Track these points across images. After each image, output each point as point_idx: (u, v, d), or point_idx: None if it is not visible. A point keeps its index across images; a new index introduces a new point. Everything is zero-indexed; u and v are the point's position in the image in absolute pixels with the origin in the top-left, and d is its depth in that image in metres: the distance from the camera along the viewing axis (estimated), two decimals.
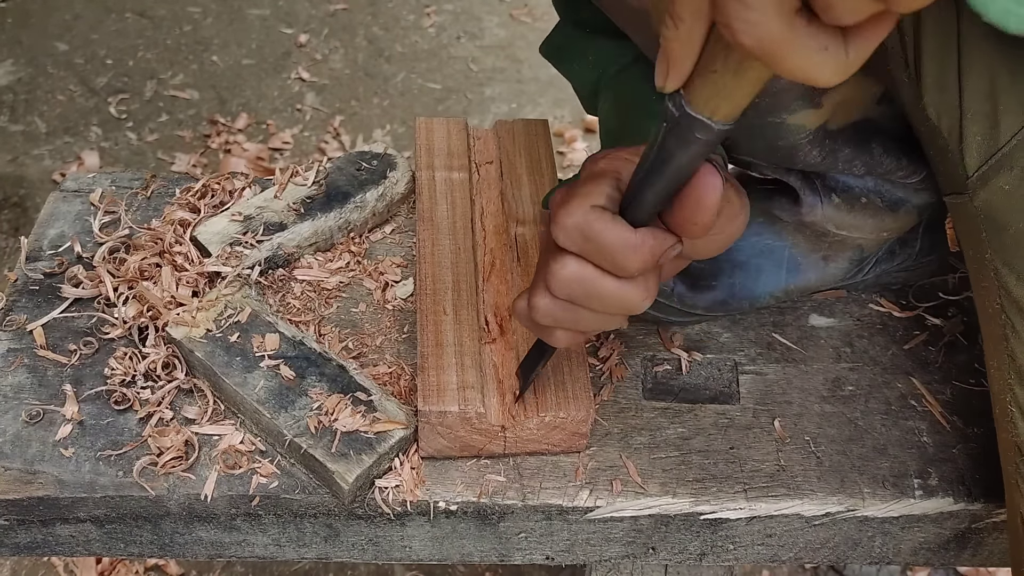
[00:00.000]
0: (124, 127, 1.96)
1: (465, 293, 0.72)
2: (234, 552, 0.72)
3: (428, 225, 0.77)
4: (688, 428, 0.72)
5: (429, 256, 0.74)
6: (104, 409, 0.71)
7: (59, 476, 0.67)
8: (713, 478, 0.69)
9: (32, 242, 0.83)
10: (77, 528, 0.69)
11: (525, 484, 0.68)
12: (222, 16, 2.24)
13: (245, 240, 0.79)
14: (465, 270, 0.73)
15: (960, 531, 0.69)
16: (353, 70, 2.13)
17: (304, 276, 0.80)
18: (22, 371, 0.74)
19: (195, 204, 0.83)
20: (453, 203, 0.79)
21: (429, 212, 0.78)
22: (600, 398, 0.73)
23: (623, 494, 0.67)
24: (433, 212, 0.78)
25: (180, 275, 0.76)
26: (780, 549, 0.70)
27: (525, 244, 0.76)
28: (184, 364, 0.73)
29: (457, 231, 0.76)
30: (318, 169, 0.85)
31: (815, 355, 0.77)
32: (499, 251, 0.76)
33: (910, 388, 0.75)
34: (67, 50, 2.12)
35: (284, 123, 1.98)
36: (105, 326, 0.76)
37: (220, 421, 0.71)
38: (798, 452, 0.70)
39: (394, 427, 0.67)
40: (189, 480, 0.67)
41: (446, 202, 0.79)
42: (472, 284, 0.72)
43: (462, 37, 2.23)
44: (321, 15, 2.26)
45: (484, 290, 0.73)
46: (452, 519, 0.68)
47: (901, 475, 0.69)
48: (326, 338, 0.75)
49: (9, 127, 1.94)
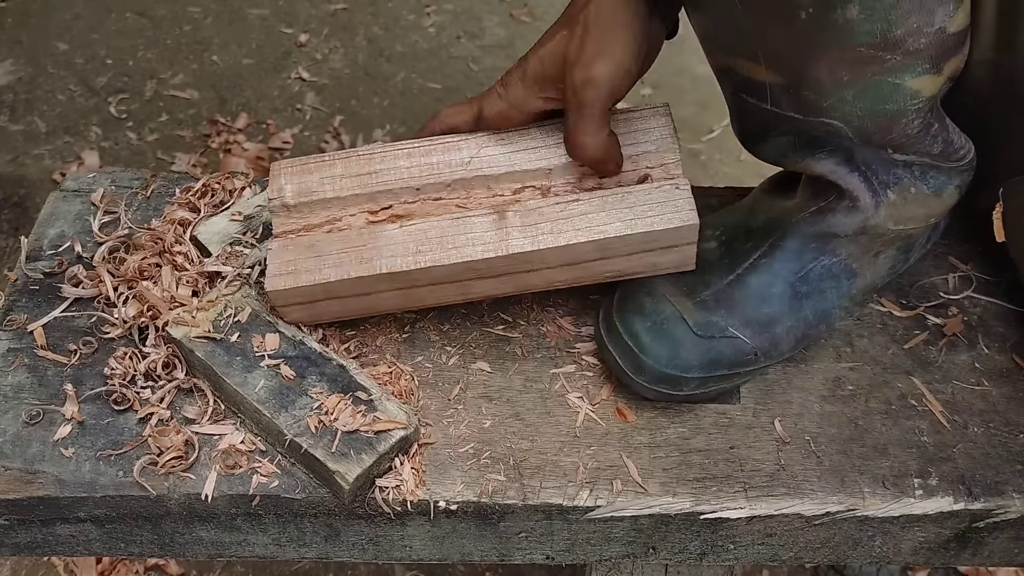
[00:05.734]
0: (124, 127, 1.96)
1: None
2: (234, 552, 0.72)
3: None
4: (688, 428, 0.72)
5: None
6: (104, 409, 0.71)
7: (59, 476, 0.67)
8: (713, 478, 0.69)
9: (32, 242, 0.83)
10: (77, 528, 0.69)
11: (525, 484, 0.68)
12: (222, 16, 2.23)
13: (245, 240, 0.79)
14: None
15: (960, 531, 0.69)
16: (353, 70, 2.13)
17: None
18: (22, 371, 0.74)
19: (195, 204, 0.83)
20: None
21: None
22: (600, 398, 0.73)
23: (623, 494, 0.67)
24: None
25: (180, 275, 0.76)
26: (780, 549, 0.70)
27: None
28: (184, 364, 0.73)
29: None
30: None
31: (815, 355, 0.77)
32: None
33: (910, 388, 0.75)
34: (67, 50, 2.12)
35: (284, 123, 1.98)
36: (105, 326, 0.76)
37: (220, 421, 0.71)
38: (798, 452, 0.70)
39: (394, 427, 0.67)
40: (189, 480, 0.67)
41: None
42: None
43: (462, 37, 2.23)
44: (321, 15, 2.26)
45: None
46: (452, 519, 0.68)
47: (901, 475, 0.69)
48: (327, 338, 0.75)
49: (9, 127, 1.94)
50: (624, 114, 0.74)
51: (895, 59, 0.61)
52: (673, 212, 0.69)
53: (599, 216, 0.69)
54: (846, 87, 0.63)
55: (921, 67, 0.62)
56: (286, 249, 0.72)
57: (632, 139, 0.73)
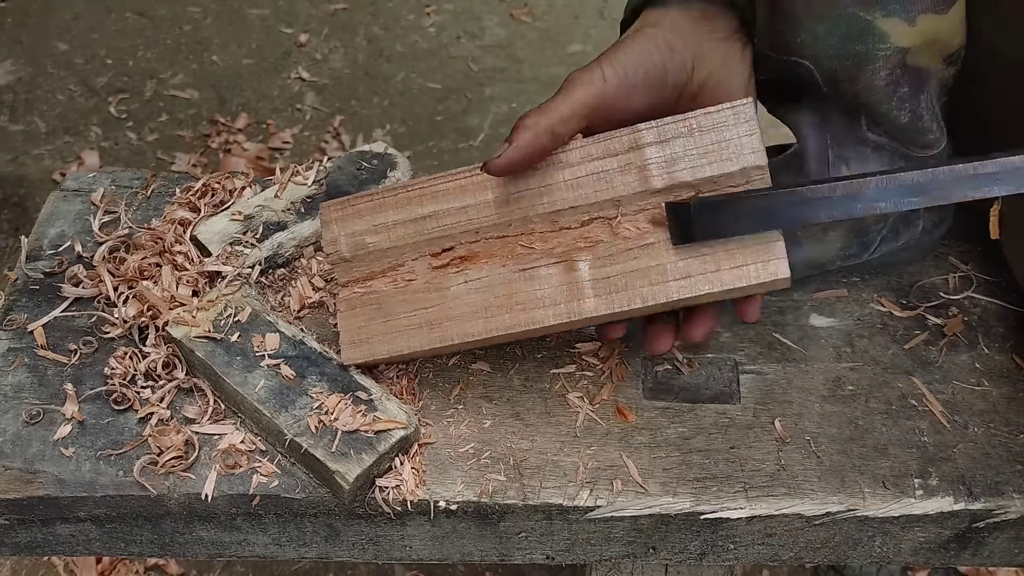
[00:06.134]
0: (124, 127, 1.96)
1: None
2: (234, 551, 0.72)
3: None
4: (688, 428, 0.72)
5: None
6: (104, 409, 0.71)
7: (59, 475, 0.67)
8: (713, 478, 0.69)
9: (32, 242, 0.83)
10: (77, 527, 0.69)
11: (525, 484, 0.68)
12: (222, 16, 2.24)
13: (245, 239, 0.79)
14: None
15: (960, 531, 0.69)
16: (353, 70, 2.13)
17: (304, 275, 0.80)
18: (22, 371, 0.74)
19: (195, 203, 0.83)
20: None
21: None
22: (600, 398, 0.73)
23: (623, 494, 0.67)
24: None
25: (180, 275, 0.76)
26: (780, 549, 0.71)
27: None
28: (184, 364, 0.73)
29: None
30: (318, 168, 0.85)
31: (815, 355, 0.77)
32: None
33: (910, 388, 0.75)
34: (67, 50, 2.12)
35: (284, 123, 1.99)
36: (105, 325, 0.76)
37: (220, 421, 0.71)
38: (798, 452, 0.70)
39: (394, 426, 0.67)
40: (189, 480, 0.67)
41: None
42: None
43: (462, 37, 2.23)
44: (321, 15, 2.26)
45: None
46: (452, 519, 0.68)
47: (901, 475, 0.69)
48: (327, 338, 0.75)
49: (9, 127, 1.94)
50: (696, 118, 0.64)
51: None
52: (761, 261, 0.62)
53: (676, 267, 0.63)
54: (819, 20, 0.65)
55: (892, 5, 0.64)
56: (353, 310, 0.70)
57: (707, 154, 0.64)
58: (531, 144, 0.63)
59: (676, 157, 0.64)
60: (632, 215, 0.65)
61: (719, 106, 0.64)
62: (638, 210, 0.65)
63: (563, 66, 2.14)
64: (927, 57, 0.68)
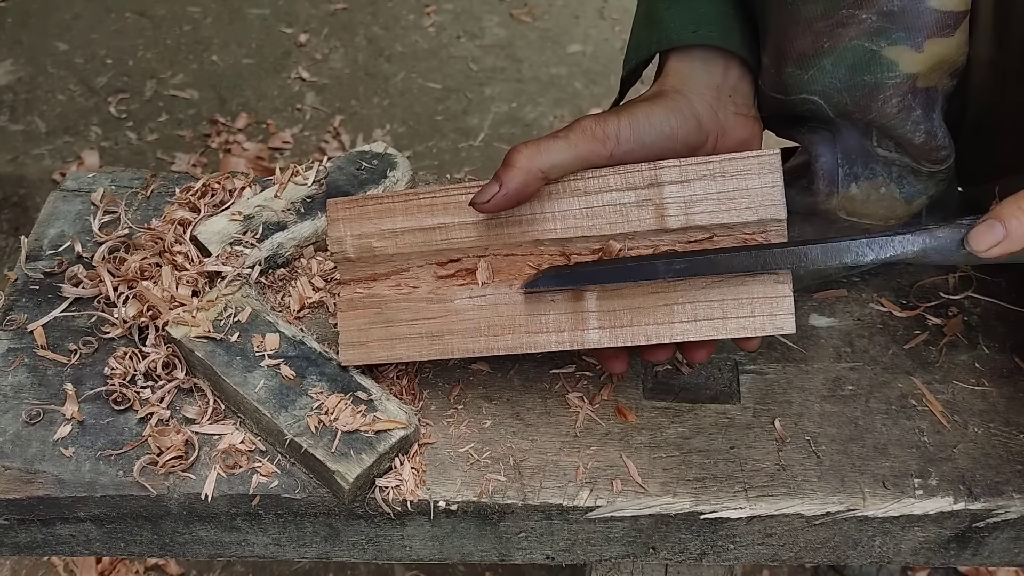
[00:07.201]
0: (124, 127, 1.96)
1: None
2: (234, 552, 0.72)
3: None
4: (688, 428, 0.72)
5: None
6: (104, 409, 0.71)
7: (59, 476, 0.67)
8: (713, 478, 0.69)
9: (32, 242, 0.83)
10: (77, 527, 0.69)
11: (525, 484, 0.68)
12: (222, 16, 2.24)
13: (245, 239, 0.79)
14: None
15: (960, 531, 0.69)
16: (353, 70, 2.13)
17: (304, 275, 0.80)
18: (22, 371, 0.74)
19: (195, 203, 0.83)
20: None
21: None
22: (600, 398, 0.73)
23: (623, 494, 0.67)
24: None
25: (180, 275, 0.76)
26: (780, 549, 0.71)
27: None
28: (184, 364, 0.73)
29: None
30: (318, 168, 0.85)
31: (815, 355, 0.77)
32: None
33: (910, 388, 0.75)
34: (67, 50, 2.12)
35: (284, 123, 1.99)
36: (105, 326, 0.76)
37: (220, 421, 0.71)
38: (798, 452, 0.70)
39: (394, 427, 0.67)
40: (189, 480, 0.67)
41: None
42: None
43: (462, 37, 2.23)
44: (321, 15, 2.26)
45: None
46: (452, 519, 0.68)
47: (901, 475, 0.69)
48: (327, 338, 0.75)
49: (9, 127, 1.94)
50: (721, 163, 0.63)
51: (870, 19, 0.63)
52: (768, 314, 0.63)
53: (683, 309, 0.63)
54: (825, 54, 0.65)
55: (896, 34, 0.63)
56: (354, 311, 0.70)
57: (727, 200, 0.63)
58: (521, 187, 0.63)
59: (696, 199, 0.64)
60: (642, 251, 0.65)
61: (745, 153, 0.63)
62: (649, 246, 0.65)
63: (563, 66, 2.15)
64: (936, 78, 0.67)
